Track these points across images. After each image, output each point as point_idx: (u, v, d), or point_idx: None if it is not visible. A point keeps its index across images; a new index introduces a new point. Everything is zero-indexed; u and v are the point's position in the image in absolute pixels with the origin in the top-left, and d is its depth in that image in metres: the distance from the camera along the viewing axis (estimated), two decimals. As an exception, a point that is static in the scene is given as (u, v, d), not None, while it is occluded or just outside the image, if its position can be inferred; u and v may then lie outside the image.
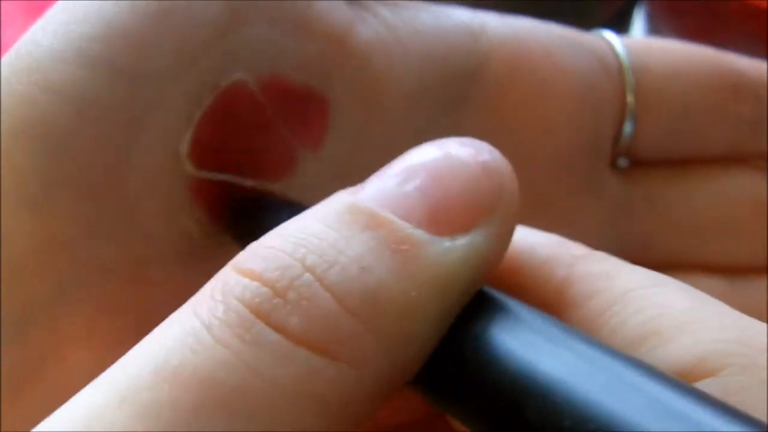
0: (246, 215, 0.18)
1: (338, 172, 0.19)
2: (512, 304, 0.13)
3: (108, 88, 0.16)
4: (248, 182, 0.18)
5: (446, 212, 0.12)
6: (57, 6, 0.17)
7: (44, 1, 0.47)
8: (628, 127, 0.22)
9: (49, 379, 0.17)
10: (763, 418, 0.10)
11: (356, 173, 0.19)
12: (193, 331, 0.11)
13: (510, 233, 0.13)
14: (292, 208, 0.17)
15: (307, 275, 0.11)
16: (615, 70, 0.21)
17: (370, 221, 0.12)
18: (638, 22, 0.47)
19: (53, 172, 0.16)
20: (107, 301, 0.17)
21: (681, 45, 0.23)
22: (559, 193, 0.21)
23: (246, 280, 0.11)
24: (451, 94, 0.20)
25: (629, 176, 0.23)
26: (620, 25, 0.46)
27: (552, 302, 0.13)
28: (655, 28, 0.46)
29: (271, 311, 0.11)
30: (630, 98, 0.22)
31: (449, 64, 0.20)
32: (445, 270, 0.12)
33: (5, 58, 0.16)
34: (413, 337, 0.11)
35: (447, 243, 0.12)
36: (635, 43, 0.22)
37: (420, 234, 0.12)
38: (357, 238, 0.12)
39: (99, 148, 0.16)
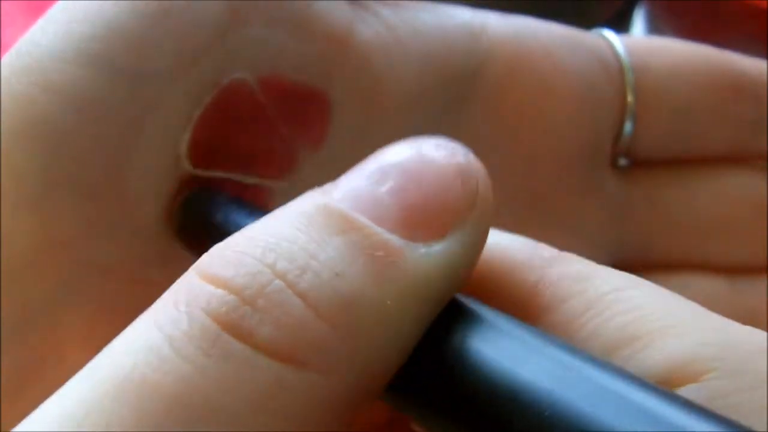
0: (192, 211, 0.17)
1: (338, 171, 0.19)
2: (486, 311, 0.12)
3: (108, 88, 0.16)
4: (249, 179, 0.18)
5: (420, 217, 0.12)
6: (57, 6, 0.17)
7: (44, 0, 0.47)
8: (628, 127, 0.22)
9: (49, 379, 0.17)
10: (750, 423, 0.10)
11: None
12: (155, 345, 0.10)
13: (484, 239, 0.13)
14: (243, 206, 0.16)
15: (278, 281, 0.11)
16: (615, 70, 0.21)
17: (343, 224, 0.11)
18: (638, 22, 0.47)
19: (53, 173, 0.16)
20: (107, 301, 0.17)
21: (681, 44, 0.23)
22: (559, 193, 0.21)
23: (211, 288, 0.11)
24: (451, 93, 0.20)
25: (629, 176, 0.23)
26: (620, 25, 0.46)
27: (526, 307, 0.13)
28: (655, 28, 0.46)
29: (239, 321, 0.10)
30: (630, 98, 0.22)
31: (449, 64, 0.20)
32: (422, 278, 0.11)
33: (5, 58, 0.16)
34: (387, 346, 0.11)
35: (422, 249, 0.12)
36: (635, 42, 0.22)
37: (395, 240, 0.11)
38: (330, 242, 0.11)
39: (99, 149, 0.16)
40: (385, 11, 0.20)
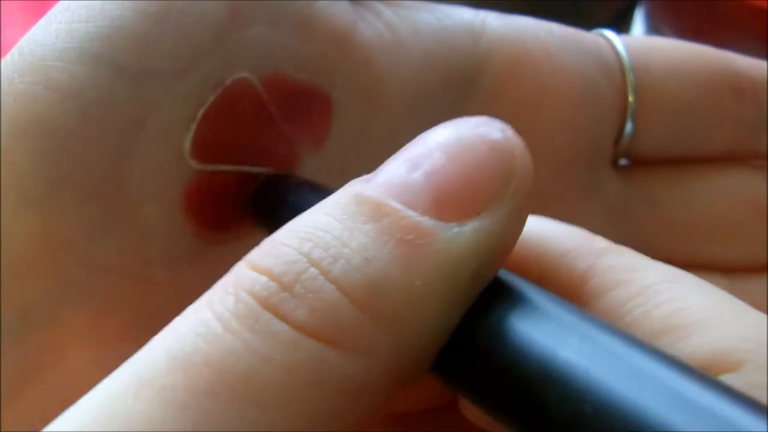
0: (266, 198, 0.18)
1: (339, 170, 0.19)
2: (531, 290, 0.12)
3: (110, 88, 0.16)
4: (255, 170, 0.18)
5: (453, 197, 0.12)
6: (59, 5, 0.17)
7: (44, 0, 0.47)
8: (628, 127, 0.22)
9: (50, 378, 0.17)
10: None
11: (357, 172, 0.19)
12: (205, 321, 0.11)
13: (524, 214, 0.13)
14: (313, 188, 0.17)
15: (313, 269, 0.11)
16: (616, 70, 0.21)
17: (374, 211, 0.12)
18: (638, 22, 0.47)
19: (55, 173, 0.16)
20: (108, 300, 0.17)
21: (682, 44, 0.23)
22: (560, 193, 0.21)
23: (255, 275, 0.12)
24: (451, 93, 0.20)
25: (629, 176, 0.23)
26: (620, 25, 0.46)
27: (573, 292, 0.13)
28: (655, 28, 0.46)
29: (279, 304, 0.11)
30: (631, 98, 0.22)
31: (450, 64, 0.20)
32: (452, 257, 0.12)
33: (8, 56, 0.16)
34: (421, 326, 0.12)
35: (455, 229, 0.12)
36: (636, 42, 0.22)
37: (425, 221, 0.12)
38: (362, 229, 0.12)
39: (101, 148, 0.16)
40: (387, 11, 0.20)
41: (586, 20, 0.47)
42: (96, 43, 0.16)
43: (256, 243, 0.20)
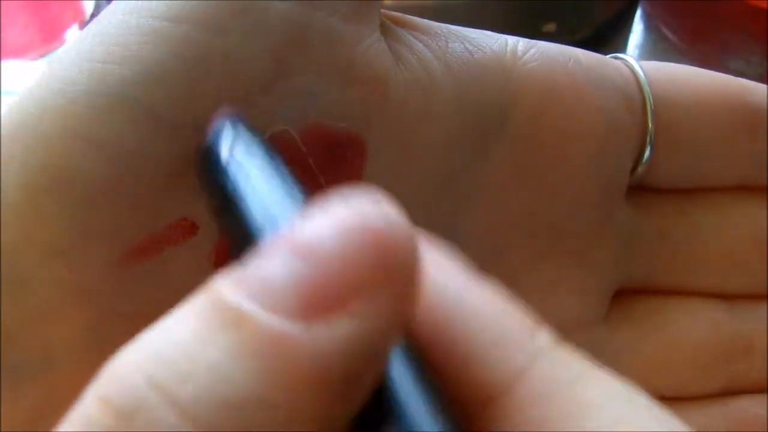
0: (213, 149, 0.16)
1: None
2: (414, 398, 0.11)
3: (147, 139, 0.15)
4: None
5: (320, 293, 0.11)
6: (89, 35, 0.16)
7: (44, 0, 0.47)
8: (646, 155, 0.22)
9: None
10: None
11: None
12: None
13: (406, 301, 0.11)
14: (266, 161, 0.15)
15: (154, 396, 0.10)
16: (637, 102, 0.21)
17: (231, 318, 0.10)
18: (638, 22, 0.47)
19: (84, 224, 0.15)
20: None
21: (702, 75, 0.22)
22: (576, 228, 0.21)
23: (95, 408, 0.11)
24: (481, 132, 0.20)
25: (640, 206, 0.23)
26: (620, 25, 0.46)
27: (496, 395, 0.12)
28: (655, 28, 0.46)
29: None
30: (650, 128, 0.22)
31: (481, 103, 0.19)
32: (318, 363, 0.10)
33: (33, 88, 0.16)
34: None
35: (321, 331, 0.10)
36: (657, 71, 0.22)
37: (287, 326, 0.10)
38: (215, 342, 0.10)
39: (133, 202, 0.16)
40: (419, 44, 0.19)
41: (586, 20, 0.47)
42: (132, 89, 0.15)
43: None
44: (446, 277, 0.12)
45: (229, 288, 0.11)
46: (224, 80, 0.16)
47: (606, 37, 0.45)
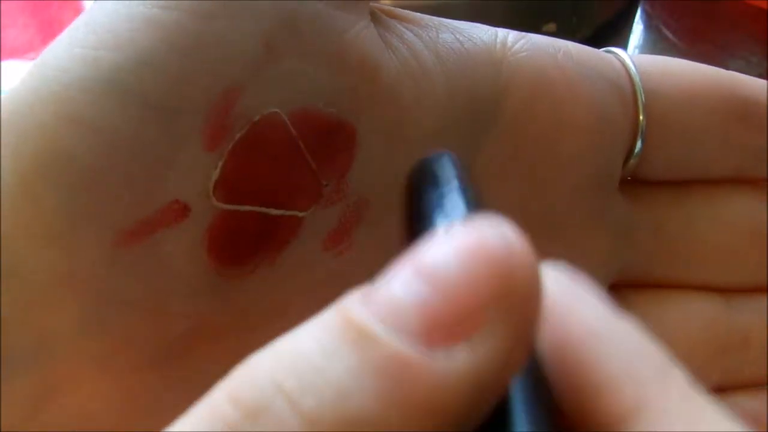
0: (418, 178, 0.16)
1: (360, 200, 0.19)
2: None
3: (138, 123, 0.16)
4: (273, 212, 0.18)
5: (441, 320, 0.11)
6: (82, 24, 0.16)
7: (44, 0, 0.47)
8: (637, 147, 0.22)
9: (66, 404, 0.17)
10: None
11: (376, 204, 0.19)
12: None
13: (529, 331, 0.11)
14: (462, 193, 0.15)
15: (280, 401, 0.11)
16: (629, 93, 0.21)
17: (359, 337, 0.11)
18: (638, 22, 0.47)
19: (78, 208, 0.15)
20: (126, 332, 0.17)
21: (694, 67, 0.22)
22: (570, 220, 0.21)
23: (225, 402, 0.11)
24: (472, 124, 0.20)
25: (634, 198, 0.23)
26: (620, 25, 0.46)
27: (614, 418, 0.12)
28: (655, 28, 0.46)
29: None
30: (642, 119, 0.22)
31: (472, 94, 0.19)
32: (436, 390, 0.10)
33: (26, 77, 0.16)
34: None
35: (442, 358, 0.11)
36: (649, 64, 0.22)
37: (410, 350, 0.11)
38: (342, 358, 0.11)
39: (126, 186, 0.16)
40: (409, 34, 0.19)
41: (586, 20, 0.47)
42: (124, 75, 0.15)
43: (272, 277, 0.19)
44: (586, 308, 0.12)
45: (358, 305, 0.11)
46: (214, 65, 0.16)
47: (606, 37, 0.45)
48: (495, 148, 0.20)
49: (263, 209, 0.17)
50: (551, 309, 0.12)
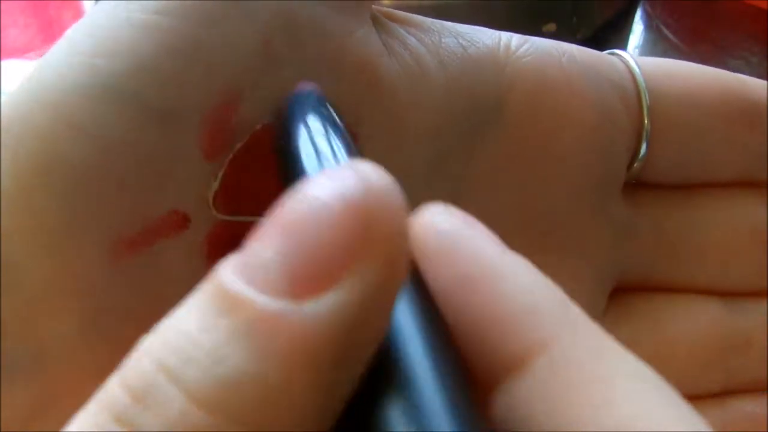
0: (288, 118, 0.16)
1: None
2: (421, 367, 0.11)
3: (136, 129, 0.15)
4: None
5: (306, 270, 0.11)
6: (80, 29, 0.16)
7: (45, 0, 0.47)
8: (642, 152, 0.22)
9: (63, 412, 0.17)
10: None
11: None
12: None
13: (396, 270, 0.11)
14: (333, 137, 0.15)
15: (162, 378, 0.11)
16: (632, 96, 0.21)
17: (229, 303, 0.11)
18: (638, 22, 0.47)
19: (76, 215, 0.15)
20: (125, 340, 0.17)
21: (698, 69, 0.22)
22: (570, 220, 0.21)
23: (116, 388, 0.12)
24: (473, 126, 0.20)
25: (636, 200, 0.23)
26: (620, 25, 0.46)
27: (516, 357, 0.12)
28: (655, 28, 0.46)
29: (129, 415, 0.11)
30: (646, 122, 0.22)
31: (473, 96, 0.19)
32: (308, 339, 0.11)
33: (25, 82, 0.16)
34: (289, 420, 0.11)
35: (309, 307, 0.11)
36: (652, 66, 0.22)
37: (276, 305, 0.11)
38: (214, 326, 0.11)
39: (124, 192, 0.16)
40: (411, 39, 0.19)
41: (586, 20, 0.47)
42: (122, 81, 0.15)
43: None
44: (479, 246, 0.13)
45: (227, 273, 0.11)
46: (214, 71, 0.16)
47: (606, 37, 0.45)
48: (496, 151, 0.20)
49: (263, 219, 0.17)
50: (444, 249, 0.12)
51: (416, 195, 0.20)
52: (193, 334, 0.11)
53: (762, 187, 0.23)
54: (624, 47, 0.46)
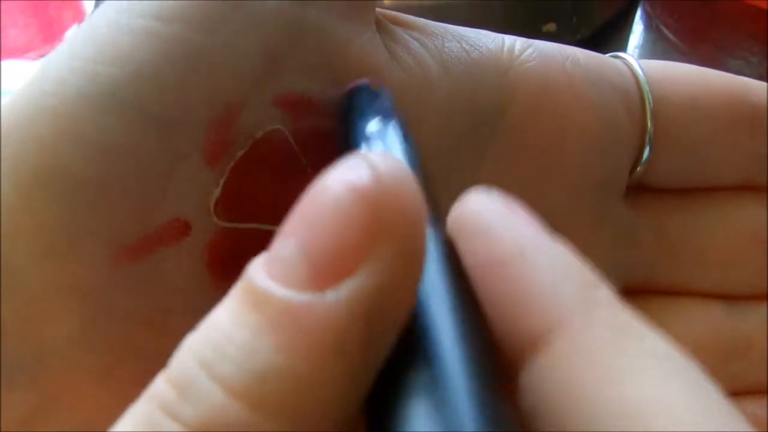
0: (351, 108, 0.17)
1: None
2: (447, 345, 0.12)
3: (138, 137, 0.15)
4: (275, 229, 0.18)
5: (325, 261, 0.11)
6: (81, 35, 0.16)
7: (45, 0, 0.47)
8: (644, 156, 0.22)
9: (65, 417, 0.17)
10: None
11: None
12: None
13: (411, 256, 0.12)
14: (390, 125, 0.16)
15: (201, 371, 0.12)
16: (636, 100, 0.21)
17: (258, 299, 0.12)
18: (638, 22, 0.47)
19: (77, 223, 0.15)
20: (126, 347, 0.17)
21: (702, 73, 0.22)
22: (572, 224, 0.21)
23: (163, 385, 0.12)
24: (476, 130, 0.20)
25: (638, 204, 0.23)
26: (620, 25, 0.46)
27: (541, 334, 0.12)
28: (655, 28, 0.46)
29: (173, 406, 0.12)
30: (650, 125, 0.21)
31: (476, 101, 0.19)
32: (331, 328, 0.11)
33: (25, 89, 0.16)
34: (319, 407, 0.11)
35: (330, 296, 0.11)
36: (656, 69, 0.22)
37: (299, 299, 0.11)
38: (246, 322, 0.12)
39: (126, 201, 0.16)
40: (415, 43, 0.19)
41: (586, 20, 0.47)
42: (123, 89, 0.15)
43: None
44: (513, 228, 0.13)
45: (256, 270, 0.12)
46: (216, 79, 0.16)
47: (606, 37, 0.45)
48: (499, 155, 0.20)
49: (265, 226, 0.17)
50: (480, 231, 0.13)
51: None
52: (227, 329, 0.12)
53: (763, 191, 0.23)
54: (624, 47, 0.46)
